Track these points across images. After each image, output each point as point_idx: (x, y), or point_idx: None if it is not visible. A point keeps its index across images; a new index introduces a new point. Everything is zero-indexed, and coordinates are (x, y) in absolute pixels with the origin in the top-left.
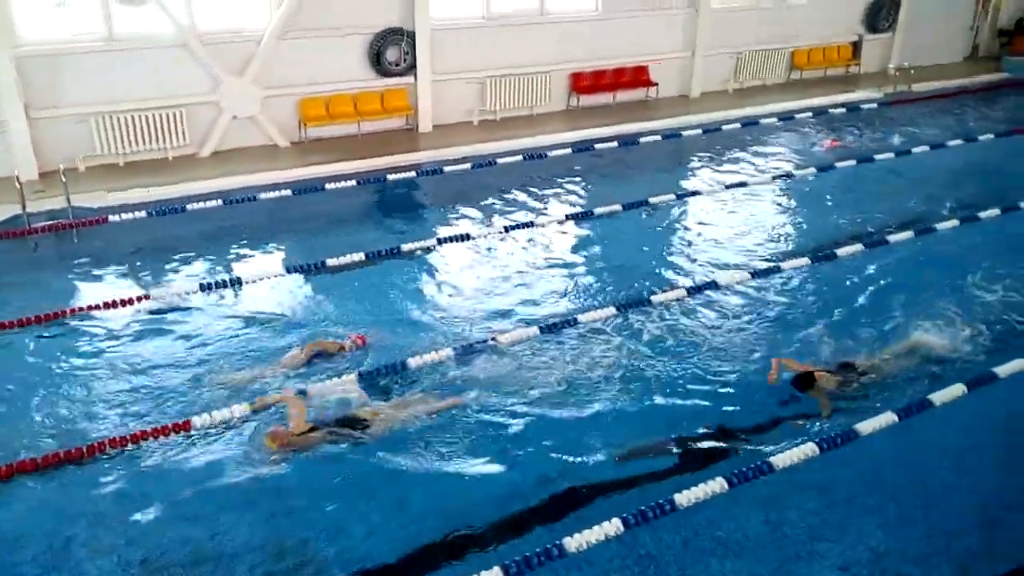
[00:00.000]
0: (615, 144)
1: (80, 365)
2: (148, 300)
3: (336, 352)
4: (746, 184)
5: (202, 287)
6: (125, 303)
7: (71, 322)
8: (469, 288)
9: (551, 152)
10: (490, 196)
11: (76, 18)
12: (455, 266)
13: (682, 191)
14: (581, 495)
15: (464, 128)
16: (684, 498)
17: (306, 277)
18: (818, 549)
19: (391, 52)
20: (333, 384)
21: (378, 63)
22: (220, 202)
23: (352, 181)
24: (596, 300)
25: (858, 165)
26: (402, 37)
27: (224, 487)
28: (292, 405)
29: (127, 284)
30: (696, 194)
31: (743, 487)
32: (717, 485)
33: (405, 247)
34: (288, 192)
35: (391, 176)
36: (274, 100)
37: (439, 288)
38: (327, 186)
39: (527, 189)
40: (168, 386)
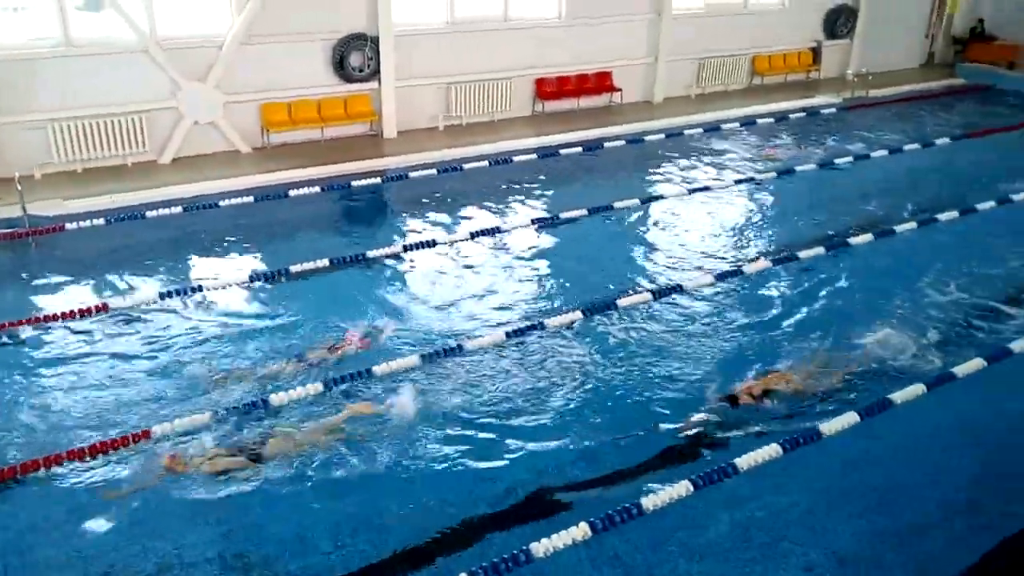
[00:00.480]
0: (579, 149)
1: (35, 377)
2: (106, 309)
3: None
4: (709, 188)
5: (161, 295)
6: (83, 312)
7: (24, 333)
8: (435, 293)
9: (516, 157)
10: (456, 201)
11: (32, 23)
12: (421, 272)
13: (646, 195)
14: (547, 500)
15: (430, 134)
16: (650, 502)
17: (269, 284)
18: (783, 550)
19: (355, 57)
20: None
21: (342, 68)
22: (180, 209)
23: (316, 187)
24: (562, 304)
25: (820, 169)
26: (366, 42)
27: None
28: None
29: (85, 293)
30: (660, 198)
31: (708, 489)
32: (683, 488)
33: (371, 253)
34: (250, 199)
35: (355, 182)
36: (236, 106)
37: (405, 294)
38: (290, 192)
39: (492, 195)
40: (126, 398)
